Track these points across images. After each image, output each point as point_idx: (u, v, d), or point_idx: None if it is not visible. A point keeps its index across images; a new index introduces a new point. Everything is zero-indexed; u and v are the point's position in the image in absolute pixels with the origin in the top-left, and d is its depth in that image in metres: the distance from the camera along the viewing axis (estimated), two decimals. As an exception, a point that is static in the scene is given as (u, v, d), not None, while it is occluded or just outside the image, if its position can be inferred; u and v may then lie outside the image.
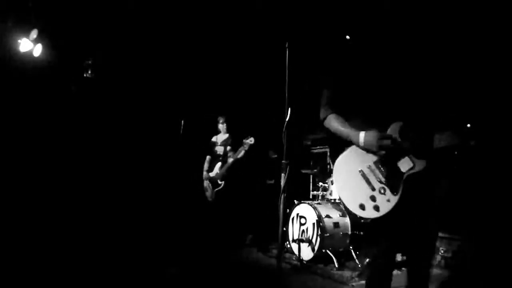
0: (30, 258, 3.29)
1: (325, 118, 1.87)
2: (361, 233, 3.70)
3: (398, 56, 1.82)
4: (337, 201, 4.06)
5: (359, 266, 3.50)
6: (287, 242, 3.96)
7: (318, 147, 5.61)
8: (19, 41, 4.42)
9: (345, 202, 1.77)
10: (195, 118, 5.25)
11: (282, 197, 1.65)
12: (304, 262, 3.58)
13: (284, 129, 1.94)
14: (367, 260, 3.54)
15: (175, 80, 5.71)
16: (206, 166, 4.85)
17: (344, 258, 3.66)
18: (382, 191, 1.68)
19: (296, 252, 3.63)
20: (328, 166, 4.78)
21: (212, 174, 4.68)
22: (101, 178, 5.33)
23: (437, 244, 3.44)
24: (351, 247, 3.64)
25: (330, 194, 4.23)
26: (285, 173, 1.70)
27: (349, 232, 3.69)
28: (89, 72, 5.17)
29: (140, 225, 4.91)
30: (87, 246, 3.88)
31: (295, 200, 4.11)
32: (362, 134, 1.69)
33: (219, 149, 4.79)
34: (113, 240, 4.30)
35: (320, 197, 4.43)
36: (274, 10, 4.20)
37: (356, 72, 1.79)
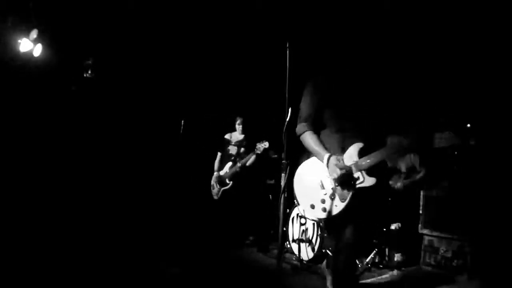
0: (30, 258, 3.29)
1: (301, 134, 2.13)
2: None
3: (361, 87, 2.08)
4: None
5: (359, 266, 3.50)
6: (287, 242, 3.96)
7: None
8: (19, 41, 4.42)
9: (298, 199, 2.08)
10: (195, 117, 5.25)
11: (282, 197, 1.66)
12: (304, 262, 3.58)
13: (284, 129, 1.94)
14: (367, 260, 3.54)
15: (175, 80, 5.71)
16: (216, 164, 4.81)
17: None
18: (332, 197, 1.93)
19: (296, 252, 3.63)
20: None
21: (221, 173, 4.67)
22: (102, 177, 5.34)
23: (437, 244, 3.44)
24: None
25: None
26: (285, 173, 1.71)
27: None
28: (89, 72, 5.17)
29: (140, 225, 4.91)
30: (88, 245, 3.88)
31: (295, 200, 4.10)
32: (325, 158, 1.97)
33: (232, 149, 4.75)
34: (114, 239, 4.30)
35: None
36: (275, 10, 4.20)
37: (330, 96, 2.06)
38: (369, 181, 1.88)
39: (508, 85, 3.53)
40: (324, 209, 1.95)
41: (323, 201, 1.96)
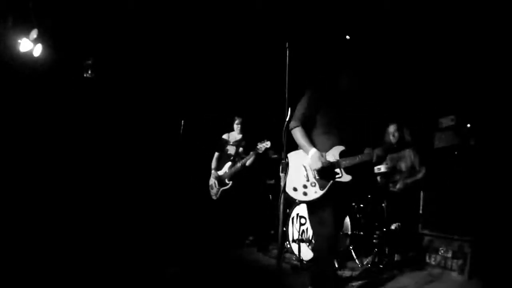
0: (30, 257, 3.29)
1: (293, 128, 2.47)
2: (361, 233, 3.71)
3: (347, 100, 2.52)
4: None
5: (359, 266, 3.50)
6: (287, 242, 3.96)
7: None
8: (19, 41, 4.42)
9: (286, 181, 2.23)
10: (195, 117, 5.25)
11: (282, 197, 1.66)
12: (304, 262, 3.58)
13: (284, 129, 1.95)
14: (367, 260, 3.54)
15: (175, 80, 5.71)
16: (214, 163, 4.80)
17: (344, 258, 3.65)
18: (313, 184, 2.34)
19: (296, 252, 3.63)
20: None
21: (220, 173, 4.66)
22: (102, 177, 5.34)
23: (437, 244, 3.44)
24: (351, 247, 3.64)
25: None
26: (285, 173, 1.71)
27: (349, 232, 3.69)
28: (89, 72, 5.17)
29: (140, 225, 4.91)
30: (88, 245, 3.88)
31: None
32: (311, 153, 2.35)
33: (231, 149, 4.73)
34: (114, 239, 4.30)
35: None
36: (274, 10, 4.20)
37: (325, 105, 2.48)
38: (346, 178, 2.35)
39: (508, 85, 3.53)
40: (305, 193, 2.33)
41: (304, 186, 2.34)
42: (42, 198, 4.80)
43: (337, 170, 2.34)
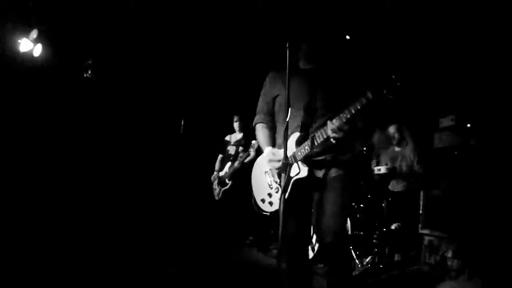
0: (30, 257, 3.29)
1: (255, 125, 2.17)
2: (361, 233, 3.71)
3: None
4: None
5: (359, 266, 3.50)
6: (287, 242, 3.95)
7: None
8: (19, 41, 4.42)
9: (254, 195, 2.07)
10: (195, 117, 5.25)
11: (282, 197, 1.65)
12: (304, 262, 3.58)
13: (284, 129, 1.93)
14: (367, 260, 3.54)
15: (175, 80, 5.71)
16: (217, 166, 4.83)
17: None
18: (276, 190, 1.95)
19: (296, 252, 3.62)
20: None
21: (221, 174, 4.68)
22: (102, 177, 5.34)
23: (437, 244, 3.44)
24: (351, 247, 3.64)
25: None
26: (285, 173, 1.70)
27: (349, 232, 3.69)
28: (89, 72, 5.17)
29: (141, 225, 4.91)
30: (88, 245, 3.88)
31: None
32: (266, 151, 1.99)
33: (231, 149, 4.75)
34: (114, 239, 4.30)
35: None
36: (274, 10, 4.20)
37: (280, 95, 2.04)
38: (304, 172, 1.81)
39: (508, 85, 3.53)
40: (270, 203, 1.96)
41: (269, 195, 1.98)
42: (42, 197, 4.80)
43: (294, 165, 1.84)
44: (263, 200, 2.01)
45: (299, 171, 1.83)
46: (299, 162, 1.84)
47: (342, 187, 1.84)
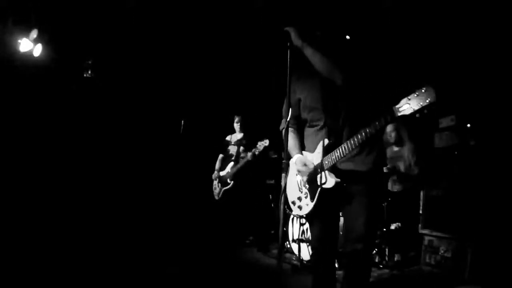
0: (30, 257, 3.29)
1: (282, 130, 2.05)
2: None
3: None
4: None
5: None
6: (287, 242, 3.96)
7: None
8: (19, 41, 4.43)
9: (288, 195, 2.06)
10: (195, 117, 5.25)
11: (282, 197, 1.65)
12: (304, 262, 3.58)
13: (285, 129, 1.93)
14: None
15: (175, 80, 5.71)
16: (218, 165, 4.84)
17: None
18: (305, 195, 1.95)
19: (296, 252, 3.63)
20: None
21: (222, 173, 4.68)
22: (102, 177, 5.34)
23: (437, 244, 3.44)
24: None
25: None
26: (285, 173, 1.70)
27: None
28: (89, 72, 5.17)
29: (141, 225, 4.91)
30: (88, 245, 3.88)
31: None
32: (294, 158, 1.97)
33: (232, 149, 4.77)
34: (114, 239, 4.30)
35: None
36: (275, 9, 4.20)
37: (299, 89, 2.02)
38: (330, 183, 1.79)
39: (508, 85, 3.53)
40: (300, 207, 1.99)
41: (299, 199, 2.00)
42: (42, 197, 4.80)
43: (321, 174, 1.83)
44: (293, 202, 2.03)
45: (326, 180, 1.81)
46: (326, 172, 1.81)
47: (369, 196, 1.85)
